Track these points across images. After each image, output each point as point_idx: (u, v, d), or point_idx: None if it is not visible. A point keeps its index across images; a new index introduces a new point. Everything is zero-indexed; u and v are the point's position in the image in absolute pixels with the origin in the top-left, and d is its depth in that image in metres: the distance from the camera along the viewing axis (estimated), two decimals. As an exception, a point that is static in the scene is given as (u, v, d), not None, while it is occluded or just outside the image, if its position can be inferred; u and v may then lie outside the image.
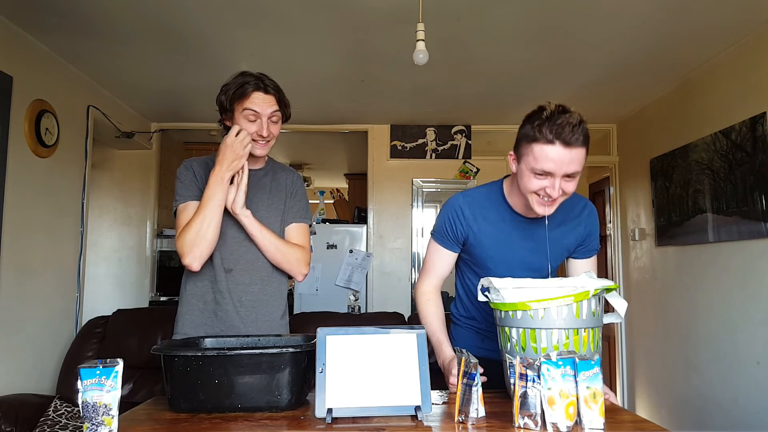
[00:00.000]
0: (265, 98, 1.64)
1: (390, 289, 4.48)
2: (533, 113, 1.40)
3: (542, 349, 1.28)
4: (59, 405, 2.70)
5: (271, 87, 1.65)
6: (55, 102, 3.02)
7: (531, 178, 1.41)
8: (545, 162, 1.36)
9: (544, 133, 1.34)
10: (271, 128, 1.66)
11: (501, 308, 1.34)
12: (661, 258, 3.74)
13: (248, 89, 1.62)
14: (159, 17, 2.62)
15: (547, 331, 1.28)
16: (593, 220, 1.64)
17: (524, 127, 1.41)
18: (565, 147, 1.34)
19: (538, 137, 1.35)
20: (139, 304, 4.28)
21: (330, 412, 1.16)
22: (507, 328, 1.34)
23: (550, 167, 1.36)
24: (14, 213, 2.67)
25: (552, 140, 1.34)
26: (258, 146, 1.66)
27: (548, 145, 1.35)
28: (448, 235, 1.62)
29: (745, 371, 2.81)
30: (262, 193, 1.73)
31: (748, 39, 2.80)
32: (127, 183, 4.45)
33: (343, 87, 3.67)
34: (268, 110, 1.64)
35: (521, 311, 1.30)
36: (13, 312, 2.71)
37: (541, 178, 1.39)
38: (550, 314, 1.27)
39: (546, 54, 3.05)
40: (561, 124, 1.33)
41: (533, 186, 1.41)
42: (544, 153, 1.35)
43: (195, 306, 1.67)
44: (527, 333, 1.29)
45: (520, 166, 1.44)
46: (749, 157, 2.76)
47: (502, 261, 1.59)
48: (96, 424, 1.03)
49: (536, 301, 1.27)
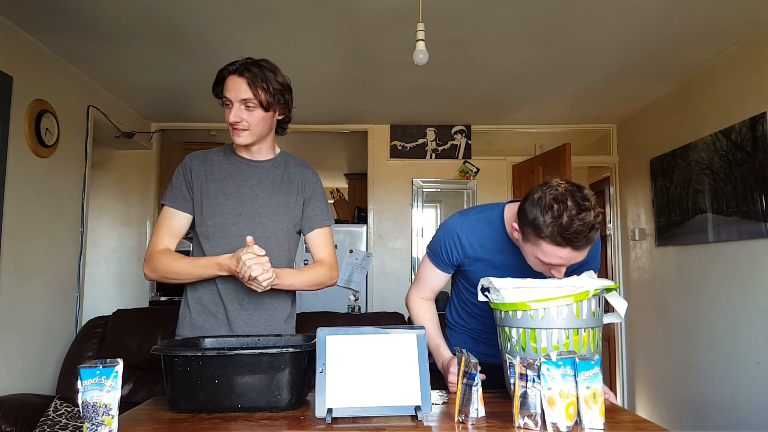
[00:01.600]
0: (236, 81, 1.53)
1: (390, 289, 4.48)
2: (545, 203, 1.29)
3: (542, 349, 1.28)
4: (59, 405, 2.70)
5: (248, 69, 1.53)
6: (55, 102, 3.02)
7: (536, 262, 1.38)
8: (553, 258, 1.32)
9: (555, 237, 1.28)
10: (243, 114, 1.54)
11: (501, 308, 1.34)
12: (661, 258, 3.74)
13: (223, 73, 1.55)
14: (159, 17, 2.62)
15: (547, 331, 1.28)
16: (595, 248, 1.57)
17: (533, 214, 1.30)
18: (576, 251, 1.31)
19: (547, 237, 1.29)
20: (139, 304, 4.28)
21: (330, 412, 1.16)
22: (507, 328, 1.34)
23: (559, 262, 1.33)
24: (14, 213, 2.67)
25: (564, 245, 1.29)
26: (235, 134, 1.57)
27: (558, 247, 1.30)
28: (443, 258, 1.61)
29: (745, 371, 2.81)
30: (271, 187, 1.66)
31: (748, 39, 2.80)
32: (127, 183, 4.45)
33: (343, 87, 3.67)
34: (240, 95, 1.53)
35: (521, 311, 1.30)
36: (13, 312, 2.71)
37: (547, 265, 1.37)
38: (550, 314, 1.27)
39: (546, 54, 3.05)
40: (575, 233, 1.26)
41: (538, 267, 1.40)
42: (554, 252, 1.31)
43: (194, 308, 1.65)
44: (527, 333, 1.30)
45: (525, 245, 1.39)
46: (749, 157, 2.76)
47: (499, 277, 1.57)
48: (96, 424, 1.03)
49: (536, 301, 1.27)
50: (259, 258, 1.43)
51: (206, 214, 1.62)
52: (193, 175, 1.65)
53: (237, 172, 1.66)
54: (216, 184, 1.64)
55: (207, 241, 1.63)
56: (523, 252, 1.42)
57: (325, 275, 1.68)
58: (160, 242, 1.61)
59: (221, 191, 1.63)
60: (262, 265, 1.43)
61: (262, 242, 1.62)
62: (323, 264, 1.70)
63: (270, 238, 1.65)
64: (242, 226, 1.61)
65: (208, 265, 1.54)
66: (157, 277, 1.60)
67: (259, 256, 1.43)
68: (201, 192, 1.63)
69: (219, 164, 1.67)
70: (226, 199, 1.63)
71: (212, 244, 1.62)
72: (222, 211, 1.62)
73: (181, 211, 1.64)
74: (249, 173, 1.67)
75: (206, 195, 1.63)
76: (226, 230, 1.61)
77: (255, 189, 1.65)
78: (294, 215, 1.69)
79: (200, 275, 1.57)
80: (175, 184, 1.66)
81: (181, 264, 1.57)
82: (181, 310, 1.69)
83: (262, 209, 1.64)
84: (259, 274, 1.42)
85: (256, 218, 1.63)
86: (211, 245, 1.62)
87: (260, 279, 1.42)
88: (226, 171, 1.66)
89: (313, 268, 1.67)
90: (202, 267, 1.55)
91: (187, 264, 1.57)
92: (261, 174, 1.67)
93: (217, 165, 1.67)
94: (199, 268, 1.56)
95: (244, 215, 1.63)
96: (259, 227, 1.63)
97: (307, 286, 1.64)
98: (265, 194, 1.65)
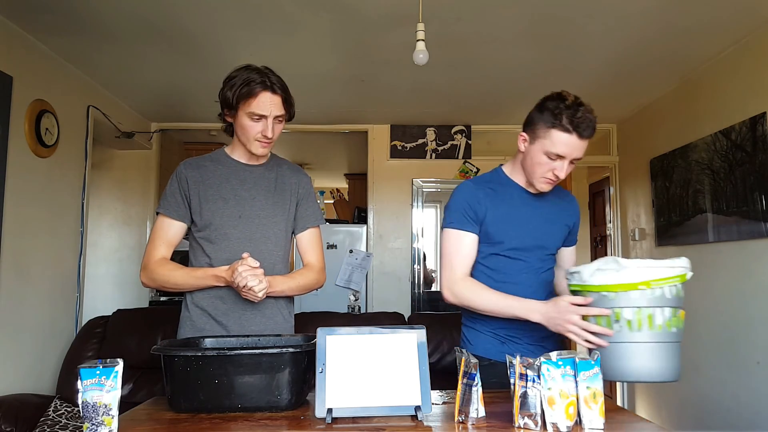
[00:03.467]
0: (273, 99, 1.59)
1: (390, 289, 4.48)
2: (552, 100, 1.54)
3: (658, 327, 1.30)
4: (59, 405, 2.70)
5: (278, 86, 1.60)
6: (55, 102, 3.02)
7: (543, 158, 1.55)
8: (561, 147, 1.51)
9: (564, 122, 1.49)
10: (275, 128, 1.63)
11: (612, 289, 1.33)
12: (662, 258, 3.73)
13: (255, 89, 1.56)
14: (159, 17, 2.62)
15: (662, 309, 1.30)
16: (577, 210, 1.81)
17: (543, 112, 1.54)
18: (580, 138, 1.50)
19: (557, 124, 1.50)
20: (139, 304, 4.27)
21: (330, 412, 1.16)
22: (617, 309, 1.32)
23: (564, 152, 1.51)
24: (14, 213, 2.67)
25: (570, 130, 1.49)
26: (261, 146, 1.64)
27: (566, 134, 1.50)
28: (468, 215, 1.62)
29: (746, 371, 2.81)
30: (267, 189, 1.71)
31: (748, 39, 2.80)
32: (127, 183, 4.45)
33: (343, 87, 3.66)
34: (274, 112, 1.60)
35: (640, 290, 1.31)
36: (13, 312, 2.71)
37: (553, 159, 1.53)
38: (664, 293, 1.31)
39: (546, 54, 3.05)
40: (581, 118, 1.49)
41: (543, 166, 1.55)
42: (562, 140, 1.50)
43: (195, 310, 1.66)
44: (643, 312, 1.30)
45: (533, 146, 1.57)
46: (749, 157, 2.76)
47: (517, 237, 1.63)
48: (96, 424, 1.03)
49: (657, 280, 1.30)
50: (254, 270, 1.50)
51: (207, 218, 1.65)
52: (189, 183, 1.66)
53: (233, 177, 1.70)
54: (213, 189, 1.67)
55: (210, 244, 1.65)
56: (528, 160, 1.59)
57: (313, 280, 1.75)
58: (156, 252, 1.67)
59: (219, 196, 1.66)
60: (257, 276, 1.50)
61: (262, 243, 1.67)
62: (312, 269, 1.76)
63: (270, 239, 1.69)
64: (243, 228, 1.65)
65: (205, 276, 1.60)
66: (155, 286, 1.68)
67: (254, 268, 1.50)
68: (199, 198, 1.66)
69: (213, 170, 1.70)
70: (225, 203, 1.66)
71: (215, 248, 1.65)
72: (222, 214, 1.65)
73: (176, 220, 1.67)
74: (244, 177, 1.71)
75: (205, 200, 1.65)
76: (227, 233, 1.64)
77: (252, 192, 1.69)
78: (290, 215, 1.75)
79: (198, 285, 1.63)
80: (170, 192, 1.68)
81: (179, 275, 1.63)
82: (182, 312, 1.70)
83: (261, 211, 1.68)
84: (255, 284, 1.49)
85: (255, 220, 1.67)
86: (213, 249, 1.65)
87: (256, 289, 1.49)
88: (221, 176, 1.69)
89: (303, 273, 1.74)
90: (200, 278, 1.61)
91: (185, 275, 1.63)
92: (256, 177, 1.71)
93: (212, 171, 1.70)
94: (197, 279, 1.62)
95: (243, 218, 1.66)
96: (259, 228, 1.68)
97: (297, 291, 1.73)
98: (262, 197, 1.70)
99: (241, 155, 1.71)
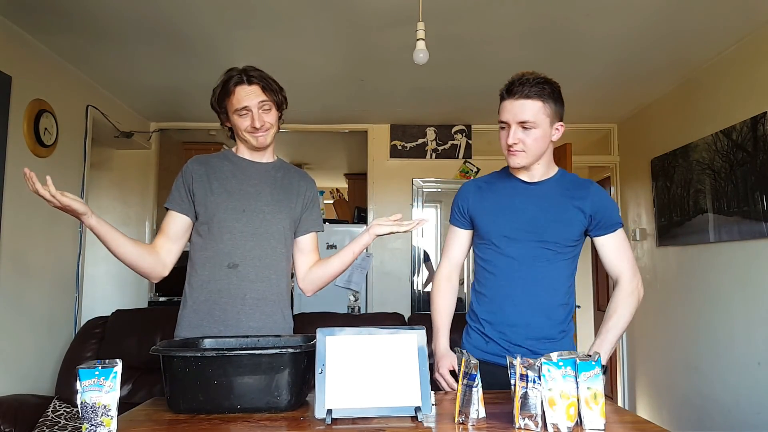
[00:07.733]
0: (249, 90, 1.62)
1: (390, 289, 4.47)
2: None
3: None
4: (58, 405, 2.70)
5: (255, 77, 1.63)
6: (54, 102, 3.01)
7: (500, 132, 1.65)
8: (502, 114, 1.61)
9: (502, 92, 1.62)
10: (264, 117, 1.65)
11: None
12: (662, 258, 3.73)
13: (230, 85, 1.63)
14: (158, 17, 2.61)
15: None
16: (602, 197, 1.66)
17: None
18: (514, 99, 1.57)
19: (501, 96, 1.62)
20: (138, 305, 4.27)
21: (330, 413, 1.16)
22: None
23: (505, 117, 1.60)
24: (13, 213, 2.67)
25: (505, 96, 1.60)
26: (258, 136, 1.66)
27: (504, 101, 1.61)
28: (456, 211, 1.78)
29: (746, 371, 2.81)
30: (272, 186, 1.73)
31: (749, 39, 2.80)
32: (126, 183, 4.44)
33: (343, 87, 3.66)
34: (254, 101, 1.62)
35: None
36: (13, 312, 2.71)
37: (504, 129, 1.62)
38: None
39: (546, 54, 3.04)
40: (512, 82, 1.58)
41: (502, 141, 1.65)
42: (502, 107, 1.62)
43: (190, 308, 1.66)
44: None
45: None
46: (750, 156, 2.76)
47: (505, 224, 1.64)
48: (95, 424, 1.03)
49: None
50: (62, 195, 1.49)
51: (211, 211, 1.66)
52: (194, 177, 1.68)
53: (239, 172, 1.72)
54: (219, 182, 1.69)
55: (212, 237, 1.66)
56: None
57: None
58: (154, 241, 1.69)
59: (224, 189, 1.68)
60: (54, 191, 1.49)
61: (265, 239, 1.69)
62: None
63: (273, 234, 1.70)
64: (246, 222, 1.67)
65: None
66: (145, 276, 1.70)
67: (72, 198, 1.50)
68: (204, 191, 1.67)
69: (220, 165, 1.73)
70: (230, 197, 1.68)
71: (217, 241, 1.65)
72: (226, 207, 1.66)
73: (180, 213, 1.68)
74: (251, 173, 1.73)
75: (210, 193, 1.67)
76: (230, 226, 1.65)
77: (257, 187, 1.71)
78: (294, 214, 1.75)
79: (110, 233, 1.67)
80: (175, 186, 1.71)
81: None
82: (180, 311, 1.70)
83: (265, 206, 1.69)
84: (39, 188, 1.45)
85: (259, 215, 1.68)
86: (215, 242, 1.66)
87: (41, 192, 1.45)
88: (228, 171, 1.72)
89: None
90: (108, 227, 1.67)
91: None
92: (262, 174, 1.73)
93: (219, 166, 1.72)
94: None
95: (247, 212, 1.68)
96: (263, 224, 1.69)
97: (341, 269, 1.80)
98: (267, 193, 1.71)
99: (247, 153, 1.74)
